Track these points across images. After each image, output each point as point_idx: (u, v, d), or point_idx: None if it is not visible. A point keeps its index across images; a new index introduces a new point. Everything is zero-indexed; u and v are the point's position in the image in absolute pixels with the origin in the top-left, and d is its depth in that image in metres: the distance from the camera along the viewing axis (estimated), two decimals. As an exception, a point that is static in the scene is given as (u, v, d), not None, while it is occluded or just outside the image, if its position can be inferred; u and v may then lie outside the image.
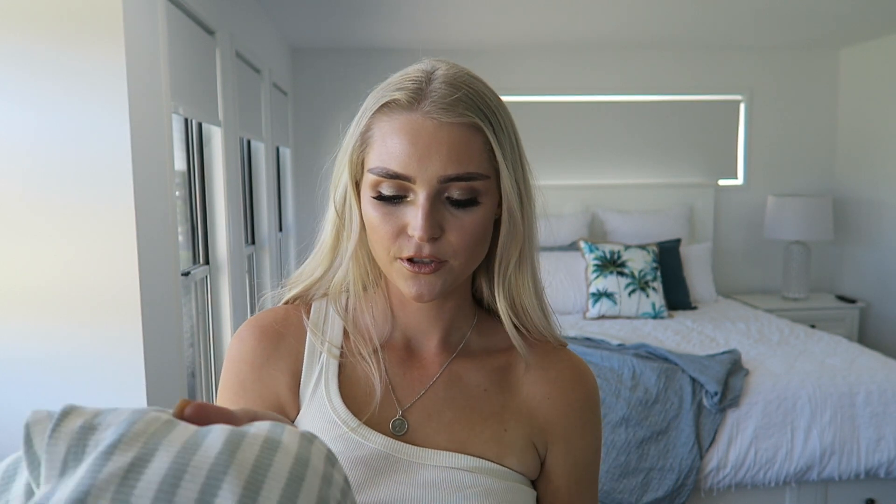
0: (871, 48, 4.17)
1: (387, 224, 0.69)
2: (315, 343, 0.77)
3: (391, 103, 0.68)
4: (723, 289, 4.44)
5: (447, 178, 0.67)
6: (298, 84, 4.21)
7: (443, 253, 0.69)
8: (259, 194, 3.30)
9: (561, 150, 4.37)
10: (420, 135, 0.66)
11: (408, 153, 0.66)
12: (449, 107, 0.66)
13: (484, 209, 0.70)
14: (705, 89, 4.40)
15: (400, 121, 0.68)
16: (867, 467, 2.52)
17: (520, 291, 0.77)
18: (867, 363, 2.73)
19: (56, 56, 1.55)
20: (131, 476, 0.37)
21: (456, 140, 0.67)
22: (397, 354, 0.78)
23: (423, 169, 0.66)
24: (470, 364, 0.78)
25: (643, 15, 3.46)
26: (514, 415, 0.77)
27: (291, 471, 0.39)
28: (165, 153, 1.87)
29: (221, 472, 0.37)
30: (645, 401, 2.52)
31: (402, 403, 0.75)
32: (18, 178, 1.57)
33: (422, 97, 0.67)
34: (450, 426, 0.75)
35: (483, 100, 0.69)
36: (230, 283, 2.55)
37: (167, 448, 0.38)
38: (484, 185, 0.69)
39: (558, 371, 0.79)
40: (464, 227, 0.69)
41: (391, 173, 0.67)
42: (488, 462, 0.73)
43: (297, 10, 3.26)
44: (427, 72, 0.70)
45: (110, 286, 1.63)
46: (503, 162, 0.70)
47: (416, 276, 0.69)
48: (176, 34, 2.00)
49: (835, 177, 4.50)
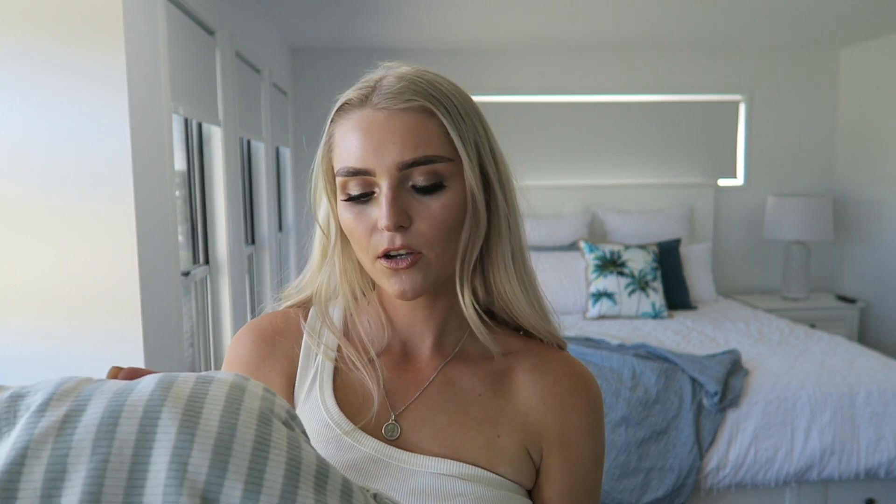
0: (871, 48, 4.17)
1: (360, 223, 0.70)
2: (311, 345, 0.78)
3: (345, 105, 0.70)
4: (723, 289, 4.44)
5: (405, 164, 0.67)
6: (298, 84, 4.21)
7: (415, 243, 0.68)
8: (259, 194, 3.30)
9: (561, 150, 4.37)
10: (373, 127, 0.67)
11: (363, 147, 0.67)
12: (397, 94, 0.67)
13: (452, 193, 0.69)
14: (705, 89, 4.40)
15: (353, 118, 0.69)
16: (867, 467, 2.52)
17: (497, 279, 0.75)
18: (867, 363, 2.73)
19: (56, 56, 1.55)
20: (68, 426, 0.37)
21: (409, 125, 0.67)
22: (392, 359, 0.78)
23: (380, 159, 0.67)
24: (465, 368, 0.77)
25: (643, 15, 3.46)
26: (509, 421, 0.75)
27: (228, 395, 0.39)
28: (165, 153, 1.87)
29: (158, 405, 0.38)
30: (645, 401, 2.52)
31: (396, 408, 0.75)
32: (18, 178, 1.57)
33: (371, 93, 0.69)
34: (443, 431, 0.74)
35: (434, 87, 0.69)
36: (230, 283, 2.55)
37: (100, 397, 0.39)
38: (447, 168, 0.69)
39: (556, 376, 0.77)
40: (433, 214, 0.68)
41: (352, 170, 0.68)
42: (480, 469, 0.72)
43: (297, 10, 3.26)
44: (381, 74, 0.72)
45: (110, 286, 1.63)
46: (461, 146, 0.69)
47: (395, 272, 0.69)
48: (176, 34, 2.00)
49: (835, 177, 4.50)
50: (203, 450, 0.36)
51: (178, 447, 0.36)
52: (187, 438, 0.37)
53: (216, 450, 0.37)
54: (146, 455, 0.36)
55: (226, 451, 0.37)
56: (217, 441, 0.37)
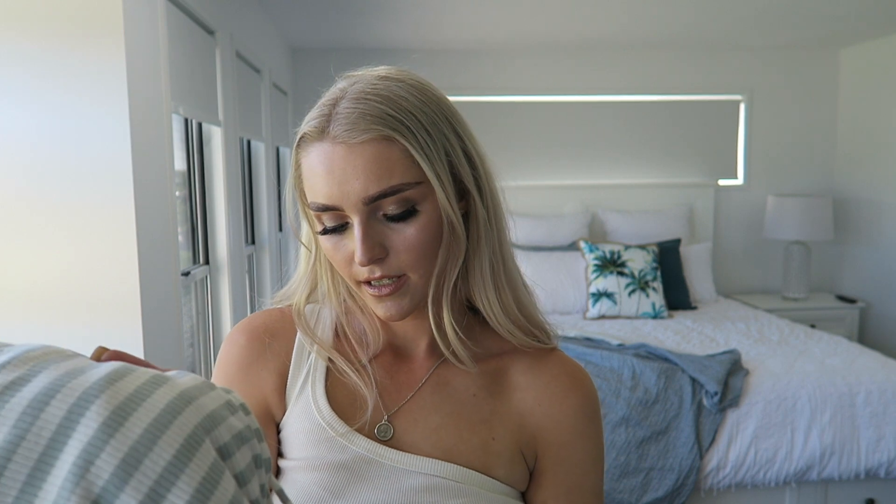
0: (871, 48, 4.17)
1: (338, 253, 0.69)
2: (305, 343, 0.77)
3: (305, 136, 0.68)
4: (723, 289, 4.44)
5: (371, 199, 0.65)
6: (298, 84, 4.21)
7: (395, 269, 0.68)
8: (259, 194, 3.30)
9: (561, 150, 4.37)
10: (333, 163, 0.65)
11: (328, 183, 0.66)
12: (353, 125, 0.64)
13: (425, 215, 0.67)
14: (705, 89, 4.40)
15: (314, 153, 0.67)
16: (867, 467, 2.52)
17: (476, 290, 0.74)
18: (867, 363, 2.73)
19: (56, 56, 1.55)
20: (8, 392, 0.36)
21: (370, 158, 0.64)
22: (385, 359, 0.77)
23: (345, 196, 0.65)
24: (459, 369, 0.76)
25: (643, 15, 3.46)
26: (504, 422, 0.75)
27: (168, 404, 0.37)
28: (165, 153, 1.87)
29: (94, 395, 0.36)
30: (645, 401, 2.52)
31: (389, 408, 0.74)
32: (19, 178, 1.57)
33: (328, 123, 0.66)
34: (436, 432, 0.73)
35: (393, 105, 0.65)
36: (230, 283, 2.55)
37: (51, 371, 0.38)
38: (417, 192, 0.66)
39: (551, 376, 0.77)
40: (408, 240, 0.67)
41: (321, 206, 0.67)
42: (475, 472, 0.71)
43: (297, 10, 3.26)
44: (338, 94, 0.68)
45: (110, 286, 1.62)
46: (428, 167, 0.66)
47: (380, 299, 0.69)
48: (176, 34, 2.00)
49: (835, 177, 4.50)
50: (113, 455, 0.35)
51: (91, 444, 0.35)
52: (103, 438, 0.35)
53: (125, 459, 0.35)
54: (61, 443, 0.35)
55: (135, 463, 0.35)
56: (130, 450, 0.35)
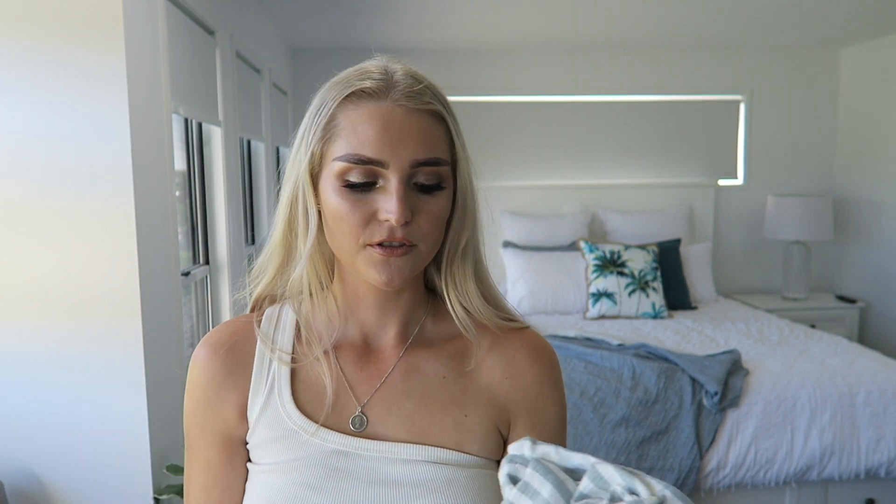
0: (871, 48, 4.17)
1: (356, 212, 0.69)
2: (265, 351, 0.78)
3: (358, 92, 0.70)
4: (723, 289, 4.43)
5: (418, 163, 0.69)
6: (298, 84, 4.21)
7: (412, 236, 0.70)
8: (259, 194, 3.30)
9: (561, 150, 4.37)
10: (392, 121, 0.68)
11: (381, 139, 0.68)
12: (416, 95, 0.69)
13: (447, 194, 0.72)
14: (705, 89, 4.40)
15: (370, 108, 0.69)
16: (867, 467, 2.52)
17: (464, 277, 0.78)
18: (867, 363, 2.73)
19: (56, 56, 1.55)
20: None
21: (424, 127, 0.69)
22: (354, 352, 0.78)
23: (396, 154, 0.68)
24: (427, 353, 0.79)
25: (643, 15, 3.46)
26: (475, 399, 0.77)
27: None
28: (165, 153, 1.87)
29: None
30: (645, 401, 2.52)
31: (361, 399, 0.76)
32: (18, 178, 1.57)
33: (390, 86, 0.69)
34: (410, 417, 0.75)
35: (441, 92, 0.73)
36: (230, 283, 2.55)
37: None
38: (446, 171, 0.72)
39: (515, 350, 0.80)
40: (431, 212, 0.71)
41: (364, 159, 0.68)
42: (449, 451, 0.74)
43: (297, 10, 3.26)
44: (385, 66, 0.72)
45: (110, 286, 1.63)
46: (461, 150, 0.73)
47: (386, 261, 0.70)
48: (176, 34, 2.00)
49: (835, 177, 4.50)
50: None
51: None
52: None
53: None
54: None
55: None
56: None
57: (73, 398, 1.64)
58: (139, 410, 1.66)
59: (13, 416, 1.63)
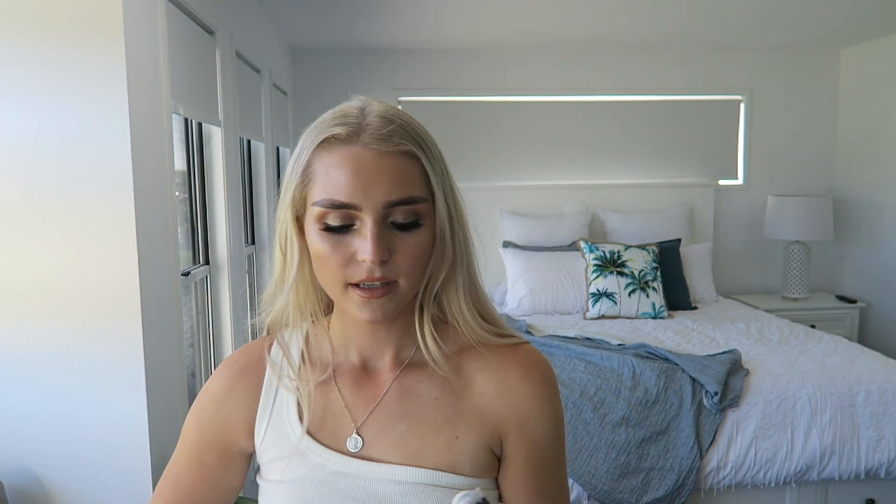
0: (871, 48, 4.17)
1: (336, 253, 0.72)
2: (273, 378, 0.83)
3: (330, 139, 0.72)
4: (723, 289, 4.44)
5: (391, 204, 0.71)
6: (298, 84, 4.21)
7: (391, 274, 0.73)
8: (259, 194, 3.30)
9: (561, 150, 4.37)
10: (362, 165, 0.70)
11: (352, 183, 0.70)
12: (386, 137, 0.71)
13: (426, 230, 0.74)
14: (705, 89, 4.40)
15: (341, 154, 0.71)
16: (867, 467, 2.52)
17: (453, 307, 0.81)
18: (867, 363, 2.73)
19: (56, 56, 1.55)
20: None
21: (396, 168, 0.71)
22: (352, 375, 0.82)
23: (367, 197, 0.70)
24: (420, 375, 0.82)
25: (643, 15, 3.46)
26: (467, 420, 0.80)
27: None
28: (165, 153, 1.87)
29: None
30: (645, 401, 2.52)
31: (357, 421, 0.80)
32: (18, 178, 1.57)
33: (360, 130, 0.71)
34: (403, 439, 0.79)
35: (416, 130, 0.74)
36: (230, 283, 2.55)
37: None
38: (423, 207, 0.74)
39: (506, 369, 0.82)
40: (409, 248, 0.73)
41: (337, 203, 0.71)
42: (442, 473, 0.77)
43: (297, 10, 3.26)
44: (359, 108, 0.74)
45: (110, 286, 1.63)
46: (437, 186, 0.75)
47: (368, 301, 0.73)
48: (176, 34, 2.00)
49: (835, 177, 4.50)
50: None
51: None
52: None
53: None
54: None
55: None
56: None
57: (73, 398, 1.64)
58: (139, 410, 1.66)
59: (13, 416, 1.63)
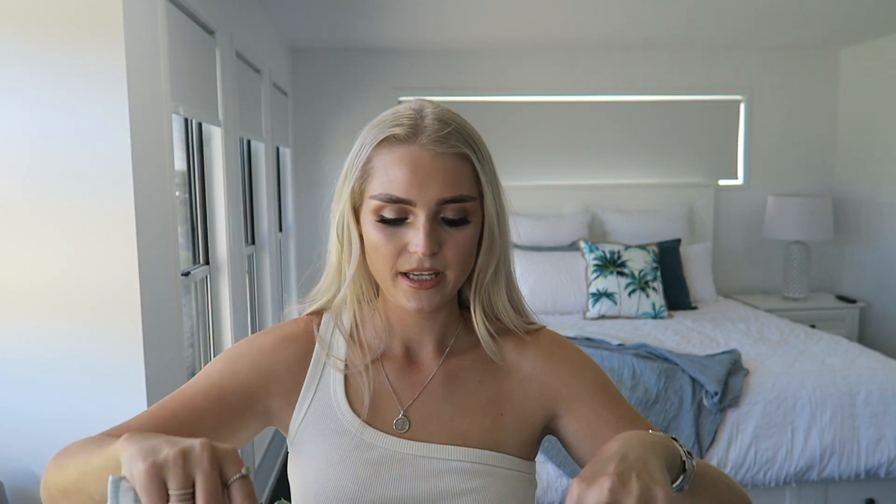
0: (871, 48, 4.17)
1: (389, 243, 0.78)
2: (321, 355, 0.86)
3: (390, 138, 0.78)
4: (723, 289, 4.43)
5: (443, 201, 0.77)
6: (298, 84, 4.21)
7: (440, 266, 0.78)
8: (259, 194, 3.30)
9: (561, 151, 4.37)
10: (419, 164, 0.76)
11: (409, 181, 0.76)
12: (442, 139, 0.77)
13: (473, 227, 0.80)
14: (705, 89, 4.40)
15: (400, 152, 0.77)
16: (867, 467, 2.52)
17: (496, 298, 0.87)
18: (867, 363, 2.73)
19: (56, 56, 1.55)
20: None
21: (449, 168, 0.77)
22: (397, 362, 0.87)
23: (422, 194, 0.76)
24: (462, 361, 0.87)
25: (643, 15, 3.46)
26: (509, 397, 0.86)
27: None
28: (165, 153, 1.87)
29: None
30: (645, 401, 2.52)
31: (404, 404, 0.84)
32: (18, 178, 1.57)
33: (418, 131, 0.77)
34: (450, 421, 0.84)
35: (469, 133, 0.80)
36: (230, 283, 2.55)
37: None
38: (472, 206, 0.79)
39: (537, 345, 0.88)
40: (458, 243, 0.78)
41: (394, 198, 0.76)
42: (488, 451, 0.82)
43: (297, 10, 3.26)
44: (417, 110, 0.80)
45: (110, 286, 1.63)
46: (486, 186, 0.80)
47: (416, 291, 0.78)
48: (176, 34, 2.00)
49: (835, 177, 4.50)
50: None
51: None
52: None
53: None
54: None
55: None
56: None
57: (73, 398, 1.64)
58: (139, 410, 1.66)
59: (13, 416, 1.63)
